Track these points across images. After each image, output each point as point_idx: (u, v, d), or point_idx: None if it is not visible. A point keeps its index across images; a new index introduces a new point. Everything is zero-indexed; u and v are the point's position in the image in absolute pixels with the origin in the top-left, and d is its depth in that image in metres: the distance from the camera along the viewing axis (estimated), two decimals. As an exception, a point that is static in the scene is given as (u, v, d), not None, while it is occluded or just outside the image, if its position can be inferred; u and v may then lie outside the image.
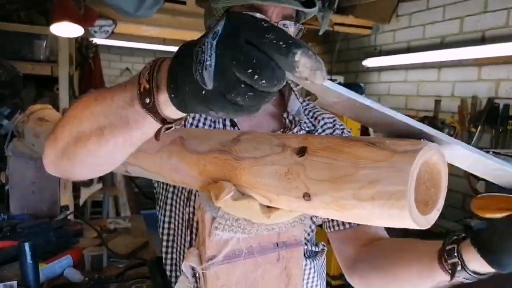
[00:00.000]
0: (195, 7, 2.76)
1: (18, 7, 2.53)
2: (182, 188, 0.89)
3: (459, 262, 0.64)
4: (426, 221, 0.44)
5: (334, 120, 1.01)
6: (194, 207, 0.86)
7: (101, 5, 2.59)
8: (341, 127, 1.01)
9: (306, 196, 0.48)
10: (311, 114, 1.01)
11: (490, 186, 2.17)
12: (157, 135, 0.53)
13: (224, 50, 0.38)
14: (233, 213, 0.58)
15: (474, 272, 0.64)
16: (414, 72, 3.11)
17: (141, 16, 2.38)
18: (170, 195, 0.92)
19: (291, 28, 0.86)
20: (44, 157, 0.68)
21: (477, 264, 0.63)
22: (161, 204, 0.95)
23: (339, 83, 3.38)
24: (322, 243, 1.00)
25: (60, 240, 1.56)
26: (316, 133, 0.97)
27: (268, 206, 0.57)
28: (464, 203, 2.59)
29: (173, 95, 0.44)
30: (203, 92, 0.40)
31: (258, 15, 0.36)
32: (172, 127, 0.51)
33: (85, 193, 2.73)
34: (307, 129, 0.97)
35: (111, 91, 0.54)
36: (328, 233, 0.97)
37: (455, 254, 0.65)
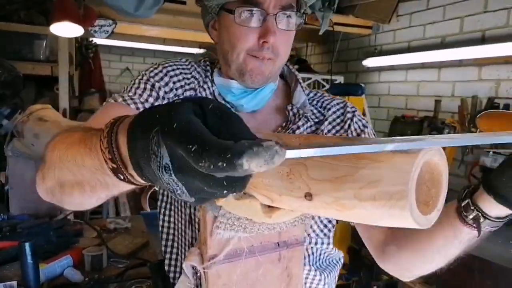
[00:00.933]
0: (195, 7, 2.77)
1: (18, 7, 2.53)
2: None
3: (480, 214, 0.62)
4: (427, 221, 0.45)
5: (345, 105, 0.96)
6: (194, 206, 0.86)
7: (101, 5, 2.59)
8: (352, 109, 0.96)
9: (308, 196, 0.48)
10: (319, 104, 0.96)
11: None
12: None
13: (186, 183, 0.37)
14: (235, 212, 0.58)
15: (498, 218, 0.62)
16: (414, 72, 3.11)
17: (140, 16, 2.39)
18: (170, 194, 0.92)
19: (293, 19, 0.83)
20: (37, 187, 0.70)
21: (496, 209, 0.61)
22: (162, 204, 0.95)
23: (339, 83, 3.34)
24: (342, 255, 0.98)
25: (60, 240, 1.57)
26: (326, 122, 0.92)
27: (269, 206, 0.57)
28: (464, 203, 2.59)
29: (143, 178, 0.43)
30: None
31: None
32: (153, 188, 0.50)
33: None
34: (315, 120, 0.93)
35: (78, 150, 0.53)
36: (354, 224, 0.90)
37: (472, 208, 0.62)
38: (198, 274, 0.66)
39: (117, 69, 5.23)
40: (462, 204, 0.64)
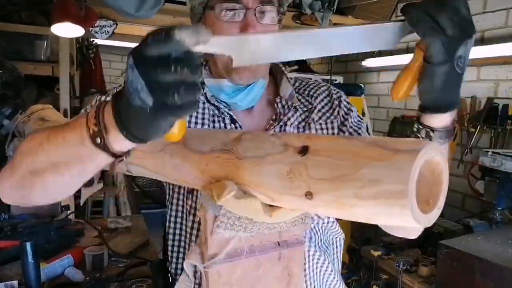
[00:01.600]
0: (195, 7, 2.76)
1: (19, 8, 2.53)
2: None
3: (429, 130, 0.70)
4: (428, 220, 0.45)
5: (330, 92, 0.99)
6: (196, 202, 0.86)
7: (102, 5, 2.59)
8: (337, 95, 0.99)
9: (308, 195, 0.48)
10: (306, 92, 0.99)
11: (490, 186, 2.15)
12: (112, 167, 0.61)
13: (144, 70, 0.44)
14: (235, 211, 0.58)
15: (442, 127, 0.70)
16: (414, 72, 3.11)
17: (141, 16, 2.38)
18: (175, 195, 0.92)
19: (273, 13, 0.84)
20: None
21: (438, 121, 0.69)
22: (168, 203, 0.95)
23: (339, 83, 3.34)
24: (343, 236, 1.00)
25: (61, 239, 1.57)
26: (316, 110, 0.95)
27: (270, 205, 0.58)
28: (464, 203, 2.59)
29: (124, 131, 0.51)
30: (148, 111, 0.46)
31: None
32: (123, 159, 0.58)
33: (85, 193, 2.73)
34: (304, 109, 0.95)
35: (61, 131, 0.61)
36: None
37: (421, 127, 0.71)
38: (199, 273, 0.66)
39: (118, 69, 5.23)
40: (414, 130, 0.73)
